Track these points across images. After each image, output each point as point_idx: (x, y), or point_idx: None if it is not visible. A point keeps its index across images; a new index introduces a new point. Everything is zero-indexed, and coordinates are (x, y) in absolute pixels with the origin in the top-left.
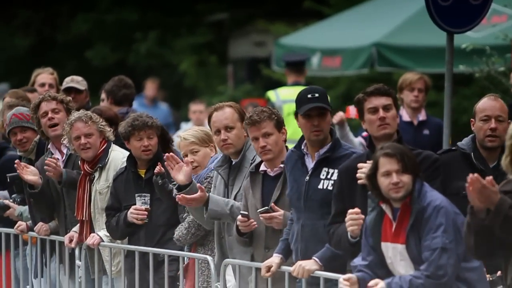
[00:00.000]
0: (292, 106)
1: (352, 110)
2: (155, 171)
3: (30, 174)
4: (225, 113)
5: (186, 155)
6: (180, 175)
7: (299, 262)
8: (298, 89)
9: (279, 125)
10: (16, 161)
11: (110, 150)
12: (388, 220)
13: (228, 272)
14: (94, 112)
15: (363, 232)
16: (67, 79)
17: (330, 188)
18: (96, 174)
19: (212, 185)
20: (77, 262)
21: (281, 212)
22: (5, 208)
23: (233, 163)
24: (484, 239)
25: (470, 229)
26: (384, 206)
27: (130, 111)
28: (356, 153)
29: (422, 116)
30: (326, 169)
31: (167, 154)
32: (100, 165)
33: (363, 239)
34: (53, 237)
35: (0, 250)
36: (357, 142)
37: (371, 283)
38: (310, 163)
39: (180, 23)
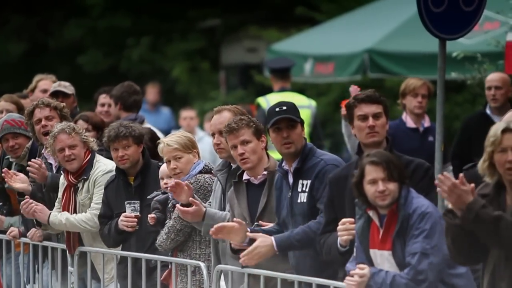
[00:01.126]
0: None
1: (354, 89)
2: (149, 220)
3: (19, 181)
4: (222, 117)
5: (169, 161)
6: (183, 196)
7: (256, 245)
8: (286, 95)
9: (258, 132)
10: (4, 169)
11: (94, 161)
12: (376, 227)
13: (222, 279)
14: (81, 118)
15: (355, 238)
16: (55, 84)
17: (304, 200)
18: (80, 185)
19: (212, 189)
20: (69, 268)
21: (270, 224)
22: None
23: (232, 168)
24: (460, 243)
25: (447, 233)
26: (371, 213)
27: (138, 117)
28: (326, 160)
29: (426, 122)
30: (301, 181)
31: (171, 183)
32: (85, 177)
33: (356, 244)
34: (46, 243)
35: None
36: None
37: (358, 266)
38: (291, 179)
39: (173, 29)
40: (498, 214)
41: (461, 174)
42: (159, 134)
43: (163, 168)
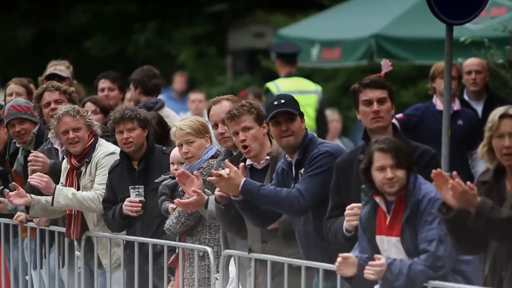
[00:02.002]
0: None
1: (385, 63)
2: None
3: (17, 197)
4: (222, 107)
5: (181, 145)
6: (190, 188)
7: (228, 175)
8: (294, 80)
9: (260, 119)
10: (5, 190)
11: (97, 145)
12: (382, 213)
13: (231, 263)
14: (90, 100)
15: (359, 225)
16: (51, 67)
17: None
18: (83, 169)
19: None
20: (76, 253)
21: None
22: None
23: (233, 156)
24: (458, 235)
25: (447, 227)
26: (378, 199)
27: (159, 101)
28: (328, 147)
29: (456, 106)
30: (300, 171)
31: (178, 172)
32: (87, 159)
33: (359, 232)
34: (52, 227)
35: None
36: None
37: (375, 256)
38: (294, 170)
39: (179, 14)
40: (509, 215)
41: (468, 182)
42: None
43: (174, 152)
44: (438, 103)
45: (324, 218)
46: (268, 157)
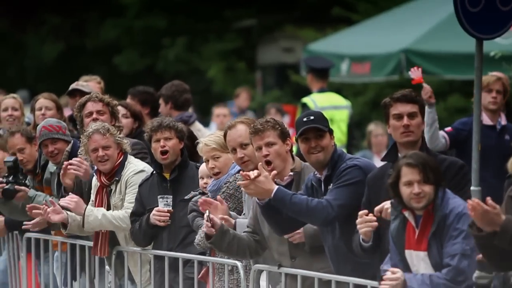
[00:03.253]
0: (329, 113)
1: (415, 72)
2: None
3: (54, 214)
4: (238, 131)
5: (208, 161)
6: (218, 214)
7: (261, 177)
8: (328, 95)
9: (283, 135)
10: (44, 202)
11: (126, 162)
12: (411, 228)
13: (263, 278)
14: (121, 104)
15: (390, 239)
16: (73, 84)
17: None
18: (113, 187)
19: (243, 199)
20: (107, 267)
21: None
22: (13, 193)
23: None
24: (490, 253)
25: (478, 247)
26: (407, 214)
27: (192, 115)
28: (356, 161)
29: (503, 120)
30: (329, 187)
31: (199, 200)
32: (117, 178)
33: (391, 245)
34: (83, 242)
35: (29, 256)
36: (440, 135)
37: (391, 270)
38: (323, 186)
39: (208, 29)
40: None
41: (488, 199)
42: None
43: (203, 167)
44: (485, 117)
45: (354, 233)
46: (291, 173)
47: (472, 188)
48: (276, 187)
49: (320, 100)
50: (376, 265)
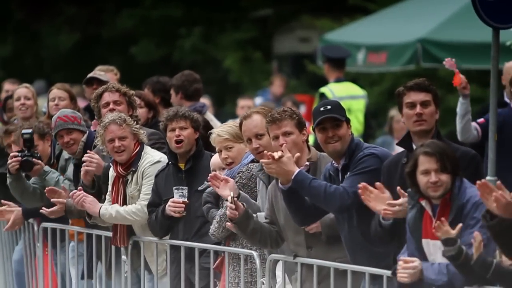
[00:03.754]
0: (347, 103)
1: (449, 62)
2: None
3: (91, 204)
4: (254, 121)
5: (221, 151)
6: (226, 191)
7: (284, 158)
8: (345, 85)
9: (300, 125)
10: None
11: (142, 153)
12: (428, 217)
13: (279, 268)
14: (135, 94)
15: (406, 228)
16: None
17: None
18: (129, 177)
19: (257, 189)
20: (123, 257)
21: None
22: (31, 165)
23: None
24: (506, 240)
25: (491, 234)
26: (424, 203)
27: (204, 105)
28: (373, 149)
29: None
30: (346, 175)
31: (210, 175)
32: (134, 168)
33: (407, 235)
34: (100, 232)
35: (46, 246)
36: (472, 126)
37: (408, 259)
38: (340, 176)
39: (225, 19)
40: None
41: (498, 182)
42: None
43: (214, 159)
44: None
45: (337, 197)
46: (307, 163)
47: (488, 178)
48: (297, 169)
49: (338, 90)
50: (391, 255)
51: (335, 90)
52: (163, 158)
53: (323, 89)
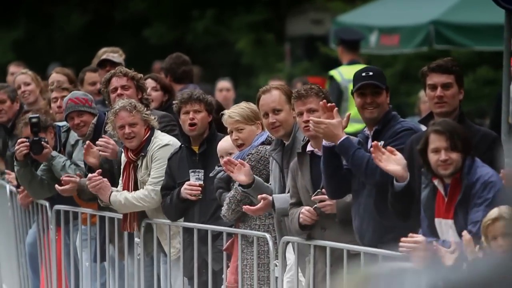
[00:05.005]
0: None
1: None
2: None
3: (91, 156)
4: (272, 96)
5: (232, 132)
6: (241, 176)
7: (332, 121)
8: (357, 67)
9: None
10: (88, 143)
11: (152, 138)
12: (441, 196)
13: (289, 250)
14: (151, 77)
15: (421, 208)
16: (103, 54)
17: None
18: (139, 162)
19: (270, 169)
20: (136, 239)
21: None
22: (41, 148)
23: (285, 145)
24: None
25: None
26: (436, 182)
27: (196, 87)
28: (411, 124)
29: None
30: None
31: (224, 160)
32: (143, 153)
33: (422, 214)
34: (113, 214)
35: (59, 228)
36: None
37: (410, 235)
38: (370, 143)
39: (237, 1)
40: None
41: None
42: None
43: (221, 145)
44: None
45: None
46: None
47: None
48: (345, 135)
49: (347, 72)
50: (399, 228)
51: (344, 72)
52: (172, 141)
53: (332, 72)
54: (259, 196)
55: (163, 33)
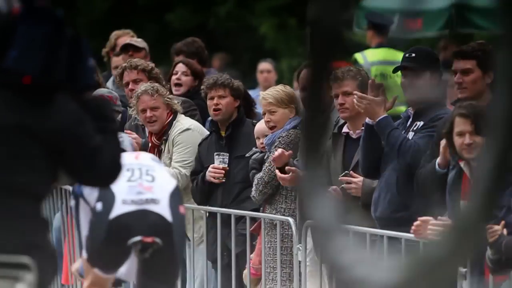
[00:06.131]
0: (380, 68)
1: None
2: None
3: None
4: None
5: (265, 114)
6: (287, 168)
7: (373, 99)
8: (384, 51)
9: (363, 86)
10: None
11: (174, 122)
12: (467, 179)
13: (310, 234)
14: (182, 61)
15: (447, 190)
16: (117, 38)
17: (410, 139)
18: (163, 147)
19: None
20: None
21: (360, 178)
22: None
23: None
24: None
25: None
26: (462, 164)
27: (212, 71)
28: (448, 111)
29: None
30: (417, 122)
31: (273, 156)
32: (165, 137)
33: (446, 197)
34: None
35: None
36: None
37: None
38: (409, 121)
39: None
40: None
41: None
42: None
43: (258, 127)
44: None
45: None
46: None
47: None
48: (385, 114)
49: (371, 55)
50: (408, 210)
51: (368, 55)
52: (193, 125)
53: (356, 55)
54: (287, 168)
55: (186, 18)
